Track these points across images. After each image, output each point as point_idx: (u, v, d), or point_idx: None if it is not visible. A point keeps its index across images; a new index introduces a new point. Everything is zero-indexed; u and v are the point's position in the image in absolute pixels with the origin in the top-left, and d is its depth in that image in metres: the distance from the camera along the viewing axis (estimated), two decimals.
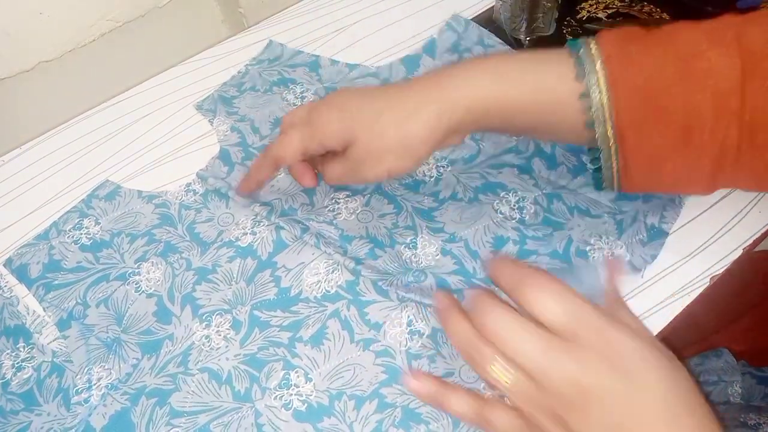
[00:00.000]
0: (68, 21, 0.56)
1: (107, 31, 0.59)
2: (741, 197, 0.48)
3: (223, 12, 0.67)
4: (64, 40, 0.57)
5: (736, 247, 0.45)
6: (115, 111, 0.61)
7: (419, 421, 0.39)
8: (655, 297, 0.43)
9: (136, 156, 0.56)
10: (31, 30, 0.55)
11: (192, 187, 0.53)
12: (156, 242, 0.49)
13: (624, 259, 0.45)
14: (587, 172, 0.50)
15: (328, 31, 0.66)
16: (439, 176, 0.52)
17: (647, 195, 0.48)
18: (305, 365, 0.42)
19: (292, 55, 0.63)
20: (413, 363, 0.41)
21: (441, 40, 0.60)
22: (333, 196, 0.51)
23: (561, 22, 0.63)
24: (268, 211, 0.49)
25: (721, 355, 0.61)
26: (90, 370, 0.43)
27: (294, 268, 0.46)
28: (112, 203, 0.52)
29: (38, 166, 0.57)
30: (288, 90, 0.60)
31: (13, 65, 0.56)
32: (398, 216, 0.49)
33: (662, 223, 0.46)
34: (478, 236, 0.47)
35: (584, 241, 0.46)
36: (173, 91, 0.62)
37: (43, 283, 0.48)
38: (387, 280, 0.44)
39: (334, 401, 0.40)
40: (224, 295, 0.46)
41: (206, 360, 0.43)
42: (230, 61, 0.64)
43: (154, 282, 0.47)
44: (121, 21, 0.59)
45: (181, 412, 0.41)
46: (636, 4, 0.64)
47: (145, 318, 0.45)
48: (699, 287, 0.44)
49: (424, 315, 0.43)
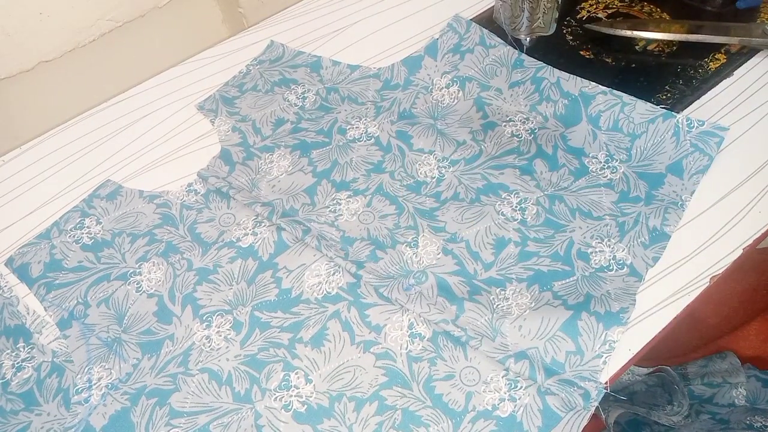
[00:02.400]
0: (68, 21, 0.56)
1: (107, 31, 0.59)
2: (741, 197, 0.48)
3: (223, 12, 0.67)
4: (64, 40, 0.57)
5: (736, 247, 0.45)
6: (115, 111, 0.61)
7: (419, 423, 0.39)
8: (656, 297, 0.43)
9: (136, 156, 0.57)
10: (32, 30, 0.55)
11: (193, 187, 0.53)
12: (157, 242, 0.49)
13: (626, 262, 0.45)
14: (589, 174, 0.50)
15: (328, 31, 0.66)
16: (440, 177, 0.52)
17: (649, 198, 0.48)
18: (305, 366, 0.42)
19: (293, 56, 0.63)
20: (414, 366, 0.41)
21: (443, 40, 0.60)
22: (334, 196, 0.51)
23: (561, 22, 0.63)
24: (270, 211, 0.49)
25: (725, 357, 0.60)
26: (90, 370, 0.43)
27: (295, 270, 0.46)
28: (113, 203, 0.52)
29: (38, 166, 0.57)
30: (289, 90, 0.60)
31: (13, 65, 0.56)
32: (400, 216, 0.49)
33: (664, 225, 0.46)
34: (480, 237, 0.47)
35: (586, 243, 0.46)
36: (173, 91, 0.62)
37: (44, 282, 0.48)
38: (388, 286, 0.44)
39: (334, 403, 0.40)
40: (225, 295, 0.46)
41: (206, 360, 0.43)
42: (230, 61, 0.64)
43: (155, 282, 0.47)
44: (121, 21, 0.59)
45: (181, 413, 0.41)
46: (636, 4, 0.64)
47: (145, 318, 0.45)
48: (699, 287, 0.44)
49: (425, 319, 0.43)
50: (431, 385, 0.40)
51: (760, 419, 0.53)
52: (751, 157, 0.50)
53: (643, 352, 0.41)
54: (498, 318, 0.42)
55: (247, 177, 0.53)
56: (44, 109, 0.60)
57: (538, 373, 0.39)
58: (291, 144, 0.55)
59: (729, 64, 0.57)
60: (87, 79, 0.61)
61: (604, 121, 0.52)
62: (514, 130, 0.54)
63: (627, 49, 0.60)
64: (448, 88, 0.58)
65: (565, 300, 0.43)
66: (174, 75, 0.63)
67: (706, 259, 0.45)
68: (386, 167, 0.53)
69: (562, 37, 0.62)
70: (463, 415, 0.39)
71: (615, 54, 0.59)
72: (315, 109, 0.58)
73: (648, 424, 0.62)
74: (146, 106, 0.61)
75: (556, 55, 0.59)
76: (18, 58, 0.56)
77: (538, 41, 0.61)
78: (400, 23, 0.66)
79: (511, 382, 0.40)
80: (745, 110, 0.53)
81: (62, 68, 0.59)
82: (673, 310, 0.43)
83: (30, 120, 0.60)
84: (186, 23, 0.65)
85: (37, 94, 0.59)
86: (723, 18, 0.61)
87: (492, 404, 0.39)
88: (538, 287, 0.44)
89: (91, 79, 0.61)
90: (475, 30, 0.59)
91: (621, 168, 0.50)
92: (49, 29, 0.56)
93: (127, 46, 0.62)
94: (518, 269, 0.45)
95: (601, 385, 0.39)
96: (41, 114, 0.60)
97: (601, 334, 0.41)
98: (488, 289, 0.44)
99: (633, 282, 0.44)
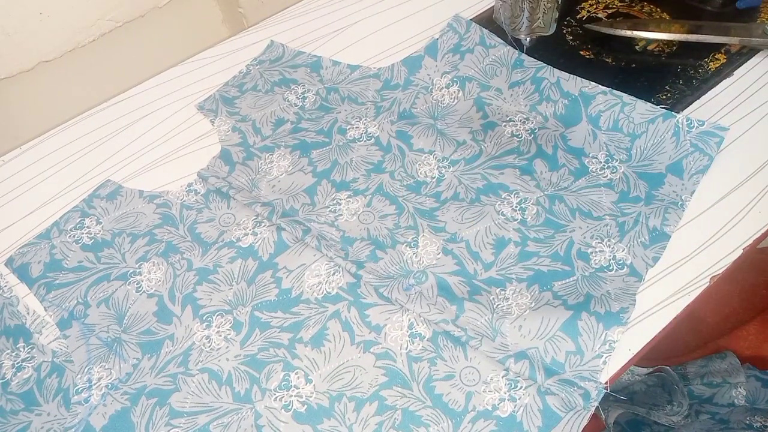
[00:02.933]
0: (68, 21, 0.56)
1: (107, 31, 0.59)
2: (741, 197, 0.48)
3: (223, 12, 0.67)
4: (64, 40, 0.57)
5: (736, 247, 0.45)
6: (114, 111, 0.61)
7: (419, 423, 0.39)
8: (656, 297, 0.43)
9: (136, 156, 0.57)
10: (32, 30, 0.55)
11: (193, 187, 0.53)
12: (157, 242, 0.49)
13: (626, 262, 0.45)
14: (589, 174, 0.50)
15: (328, 31, 0.66)
16: (440, 177, 0.52)
17: (649, 198, 0.48)
18: (305, 366, 0.42)
19: (293, 56, 0.63)
20: (414, 366, 0.41)
21: (443, 40, 0.60)
22: (334, 196, 0.51)
23: (561, 22, 0.63)
24: (270, 211, 0.49)
25: (725, 357, 0.60)
26: (90, 370, 0.43)
27: (295, 270, 0.46)
28: (113, 203, 0.52)
29: (38, 166, 0.57)
30: (289, 90, 0.60)
31: (13, 65, 0.56)
32: (400, 217, 0.49)
33: (664, 225, 0.46)
34: (480, 237, 0.47)
35: (586, 243, 0.46)
36: (173, 91, 0.62)
37: (44, 282, 0.48)
38: (388, 286, 0.44)
39: (334, 403, 0.40)
40: (225, 295, 0.46)
41: (206, 360, 0.43)
42: (230, 61, 0.64)
43: (155, 282, 0.47)
44: (121, 21, 0.59)
45: (181, 413, 0.41)
46: (636, 4, 0.64)
47: (145, 318, 0.45)
48: (699, 287, 0.44)
49: (425, 319, 0.43)
50: (431, 385, 0.40)
51: (759, 419, 0.53)
52: (751, 157, 0.50)
53: (643, 352, 0.41)
54: (498, 318, 0.42)
55: (247, 177, 0.53)
56: (44, 109, 0.60)
57: (538, 373, 0.39)
58: (291, 144, 0.55)
59: (729, 64, 0.57)
60: (87, 79, 0.61)
61: (604, 121, 0.52)
62: (514, 130, 0.54)
63: (627, 49, 0.60)
64: (448, 88, 0.58)
65: (565, 300, 0.43)
66: (174, 75, 0.63)
67: (706, 259, 0.45)
68: (386, 167, 0.53)
69: (562, 37, 0.62)
70: (463, 415, 0.39)
71: (615, 54, 0.59)
72: (315, 109, 0.58)
73: (648, 424, 0.62)
74: (146, 106, 0.61)
75: (556, 55, 0.59)
76: (18, 58, 0.56)
77: (538, 41, 0.61)
78: (399, 23, 0.66)
79: (511, 382, 0.40)
80: (745, 110, 0.53)
81: (62, 68, 0.59)
82: (673, 310, 0.43)
83: (30, 120, 0.60)
84: (186, 23, 0.65)
85: (37, 94, 0.59)
86: (723, 18, 0.61)
87: (492, 404, 0.39)
88: (538, 287, 0.44)
89: (91, 79, 0.61)
90: (475, 30, 0.59)
91: (621, 168, 0.50)
92: (49, 29, 0.56)
93: (127, 46, 0.62)
94: (518, 269, 0.45)
95: (601, 385, 0.39)
96: (41, 114, 0.60)
97: (601, 334, 0.41)
98: (488, 289, 0.44)
99: (633, 282, 0.44)
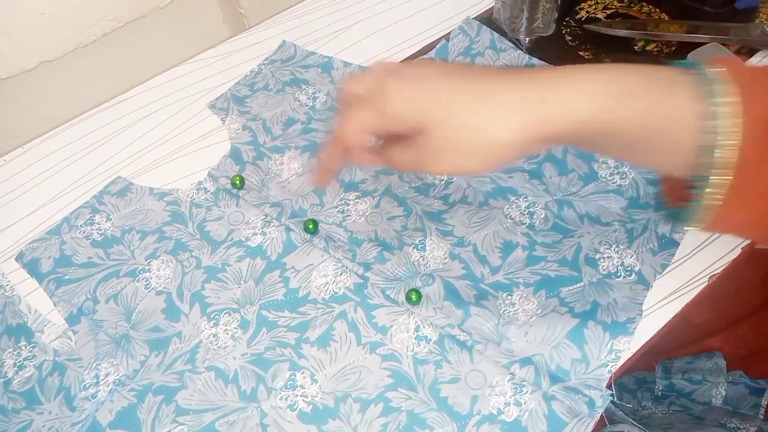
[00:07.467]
0: (70, 21, 0.56)
1: (108, 31, 0.59)
2: None
3: (224, 12, 0.67)
4: (66, 39, 0.57)
5: (736, 246, 0.45)
6: (115, 111, 0.61)
7: (424, 426, 0.39)
8: (655, 296, 0.43)
9: (137, 156, 0.57)
10: (33, 30, 0.55)
11: (203, 185, 0.53)
12: (166, 239, 0.50)
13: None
14: (598, 179, 0.50)
15: (329, 31, 0.66)
16: (449, 180, 0.52)
17: (659, 204, 0.48)
18: (311, 366, 0.42)
19: (304, 56, 0.63)
20: (420, 368, 0.41)
21: (453, 43, 0.60)
22: (343, 196, 0.51)
23: (560, 22, 0.63)
24: (279, 212, 0.50)
25: (712, 357, 0.60)
26: (98, 366, 0.43)
27: (303, 270, 0.47)
28: (123, 199, 0.53)
29: (39, 166, 0.57)
30: (300, 90, 0.60)
31: (14, 65, 0.56)
32: (407, 218, 0.49)
33: (673, 232, 0.46)
34: (487, 241, 0.47)
35: (594, 248, 0.46)
36: (174, 91, 0.62)
37: (54, 277, 0.48)
38: (395, 288, 0.44)
39: (340, 403, 0.40)
40: (233, 294, 0.46)
41: (213, 358, 0.43)
42: (231, 61, 0.64)
43: (163, 279, 0.47)
44: (123, 21, 0.59)
45: (187, 410, 0.41)
46: (635, 5, 0.64)
47: (153, 315, 0.46)
48: (698, 286, 0.44)
49: (431, 321, 0.43)
50: (437, 388, 0.40)
51: (736, 422, 0.52)
52: None
53: (642, 350, 0.42)
54: (504, 323, 0.42)
55: (257, 177, 0.53)
56: (45, 109, 0.60)
57: (543, 379, 0.39)
58: (301, 145, 0.55)
59: None
60: (88, 79, 0.61)
61: None
62: None
63: (626, 49, 0.60)
64: None
65: (572, 307, 0.43)
66: (175, 75, 0.63)
67: (706, 258, 0.45)
68: None
69: (562, 38, 0.62)
70: (468, 419, 0.39)
71: (614, 54, 0.59)
72: (325, 109, 0.58)
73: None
74: (147, 106, 0.61)
75: (555, 56, 0.59)
76: (19, 58, 0.56)
77: (537, 41, 0.61)
78: (399, 24, 0.65)
79: (517, 387, 0.40)
80: None
81: (63, 68, 0.59)
82: (671, 309, 0.43)
83: (31, 120, 0.60)
84: (187, 23, 0.65)
85: (39, 94, 0.59)
86: (722, 18, 0.60)
87: (497, 408, 0.39)
88: (545, 293, 0.44)
89: (93, 79, 0.61)
90: (486, 33, 0.59)
91: (631, 174, 0.50)
92: (50, 29, 0.56)
93: (129, 46, 0.62)
94: (525, 274, 0.45)
95: (606, 393, 0.39)
96: (42, 114, 0.60)
97: (607, 342, 0.41)
98: (495, 294, 0.44)
99: (641, 290, 0.43)
